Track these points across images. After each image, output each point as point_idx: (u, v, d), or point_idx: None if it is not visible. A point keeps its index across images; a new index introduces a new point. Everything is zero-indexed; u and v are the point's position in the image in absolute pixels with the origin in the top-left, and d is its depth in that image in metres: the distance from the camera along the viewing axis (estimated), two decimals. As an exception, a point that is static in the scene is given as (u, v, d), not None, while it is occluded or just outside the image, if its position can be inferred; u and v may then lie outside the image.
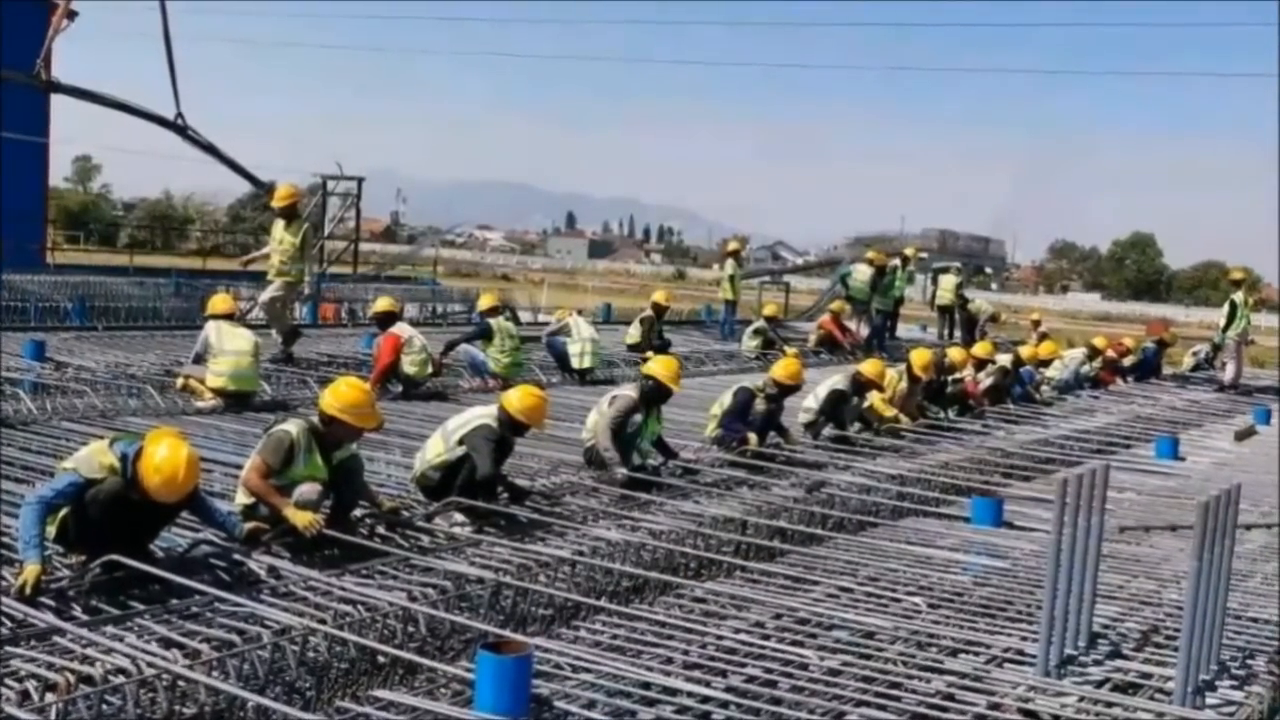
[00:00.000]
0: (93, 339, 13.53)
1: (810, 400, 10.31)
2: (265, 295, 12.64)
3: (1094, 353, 16.50)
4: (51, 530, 5.02)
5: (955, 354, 12.95)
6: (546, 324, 16.01)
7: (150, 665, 4.05)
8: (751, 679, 4.31)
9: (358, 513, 6.23)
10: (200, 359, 9.99)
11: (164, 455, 4.99)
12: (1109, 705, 4.23)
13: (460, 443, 6.82)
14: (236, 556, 5.41)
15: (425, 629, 4.88)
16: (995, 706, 4.18)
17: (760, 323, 17.87)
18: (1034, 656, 4.57)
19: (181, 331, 14.42)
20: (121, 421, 8.76)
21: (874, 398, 10.67)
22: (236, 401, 9.79)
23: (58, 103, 24.71)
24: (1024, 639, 4.87)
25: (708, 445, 9.18)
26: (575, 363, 13.26)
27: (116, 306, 17.25)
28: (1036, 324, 20.36)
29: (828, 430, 10.22)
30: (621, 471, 7.80)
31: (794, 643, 4.72)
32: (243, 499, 5.94)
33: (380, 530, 6.20)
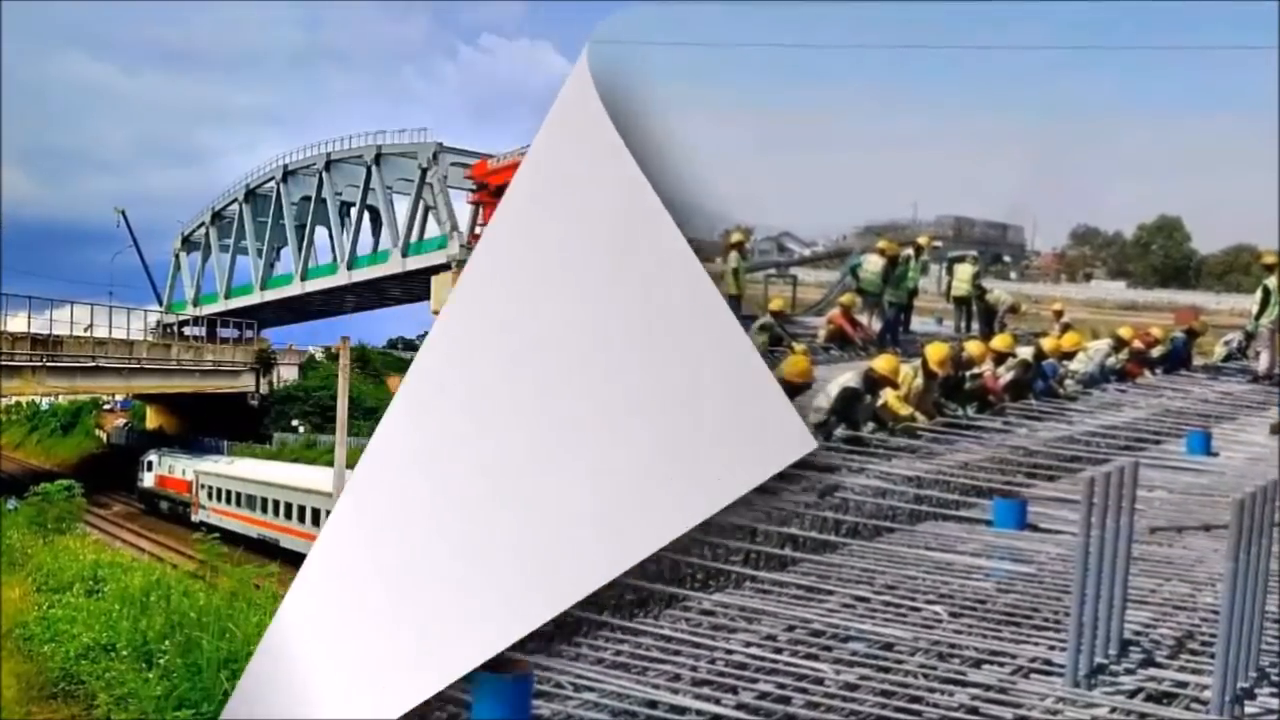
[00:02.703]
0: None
1: (820, 399, 10.29)
2: None
3: (1120, 344, 16.46)
4: None
5: (973, 347, 12.92)
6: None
7: None
8: (764, 695, 4.31)
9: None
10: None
11: None
12: (1142, 716, 4.23)
13: (451, 450, 6.81)
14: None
15: (418, 648, 4.87)
16: (1022, 719, 4.19)
17: (766, 318, 17.82)
18: (1062, 666, 4.57)
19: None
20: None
21: (888, 395, 10.66)
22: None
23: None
24: (1051, 648, 4.87)
25: (713, 449, 9.16)
26: (571, 364, 13.24)
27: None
28: (1059, 314, 20.29)
29: (839, 431, 10.21)
30: (622, 478, 7.78)
31: (808, 656, 4.73)
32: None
33: (368, 544, 6.19)
